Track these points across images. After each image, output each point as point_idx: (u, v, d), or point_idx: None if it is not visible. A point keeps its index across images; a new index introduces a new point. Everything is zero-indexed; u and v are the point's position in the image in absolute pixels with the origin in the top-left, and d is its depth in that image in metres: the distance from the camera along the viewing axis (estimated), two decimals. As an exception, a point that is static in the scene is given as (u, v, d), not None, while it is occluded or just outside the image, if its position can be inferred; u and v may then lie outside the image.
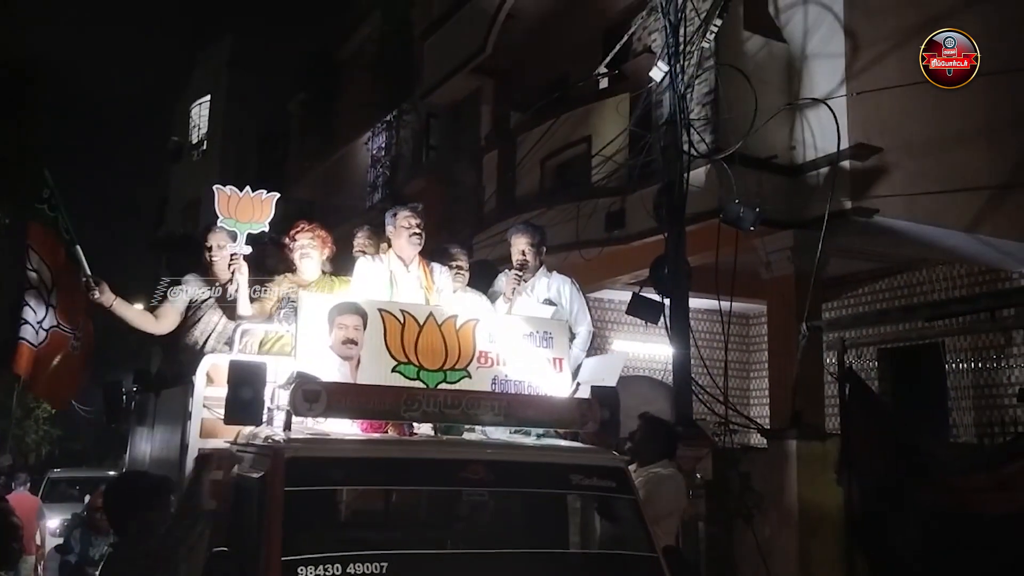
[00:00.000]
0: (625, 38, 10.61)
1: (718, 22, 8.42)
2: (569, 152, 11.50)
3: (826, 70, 9.33)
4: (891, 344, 10.68)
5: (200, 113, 30.42)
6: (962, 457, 7.06)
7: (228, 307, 5.46)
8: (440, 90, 15.05)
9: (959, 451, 8.14)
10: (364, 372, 4.41)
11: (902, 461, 6.18)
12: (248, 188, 5.38)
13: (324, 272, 5.61)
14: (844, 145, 8.74)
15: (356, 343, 4.43)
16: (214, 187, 5.40)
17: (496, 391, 4.60)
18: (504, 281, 5.94)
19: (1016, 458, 5.87)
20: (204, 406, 4.73)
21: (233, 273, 5.33)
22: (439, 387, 4.50)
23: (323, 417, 4.16)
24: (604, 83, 11.59)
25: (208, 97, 29.75)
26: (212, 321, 5.57)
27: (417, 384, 4.47)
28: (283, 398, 4.23)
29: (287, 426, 4.17)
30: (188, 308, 5.61)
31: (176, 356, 5.67)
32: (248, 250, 5.36)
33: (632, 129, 9.90)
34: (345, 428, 4.46)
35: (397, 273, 5.41)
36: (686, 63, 8.55)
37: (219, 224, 5.32)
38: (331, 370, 4.32)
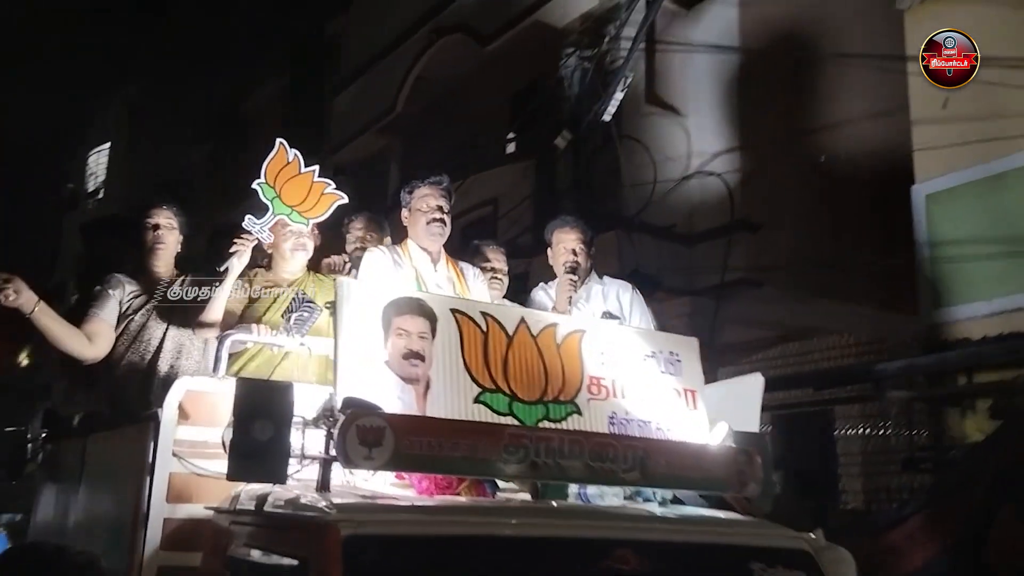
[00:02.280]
0: (545, 97, 10.72)
1: (619, 95, 8.58)
2: (475, 213, 11.34)
3: (720, 145, 9.34)
4: (783, 411, 10.03)
5: (98, 161, 28.73)
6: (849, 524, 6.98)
7: (174, 309, 3.92)
8: (349, 147, 14.72)
9: (846, 517, 8.07)
10: (436, 402, 2.90)
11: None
12: (316, 168, 3.86)
13: (308, 270, 4.12)
14: (735, 217, 9.17)
15: (423, 358, 2.93)
16: (279, 140, 3.86)
17: (614, 433, 3.14)
18: (544, 294, 4.53)
19: (901, 524, 5.85)
20: (174, 454, 3.14)
21: (231, 256, 3.77)
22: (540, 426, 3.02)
23: (390, 469, 2.67)
24: (511, 147, 11.76)
25: (107, 145, 28.11)
26: (154, 334, 4.02)
27: (509, 421, 2.98)
28: (315, 440, 2.72)
29: (324, 484, 2.65)
30: (118, 322, 4.06)
31: (108, 388, 4.07)
32: (269, 239, 3.85)
33: (537, 194, 10.04)
34: (384, 486, 3.01)
35: (423, 272, 3.97)
36: (591, 132, 8.98)
37: (255, 184, 3.75)
38: (387, 397, 2.80)
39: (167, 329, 4.00)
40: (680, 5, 9.66)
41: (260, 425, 2.55)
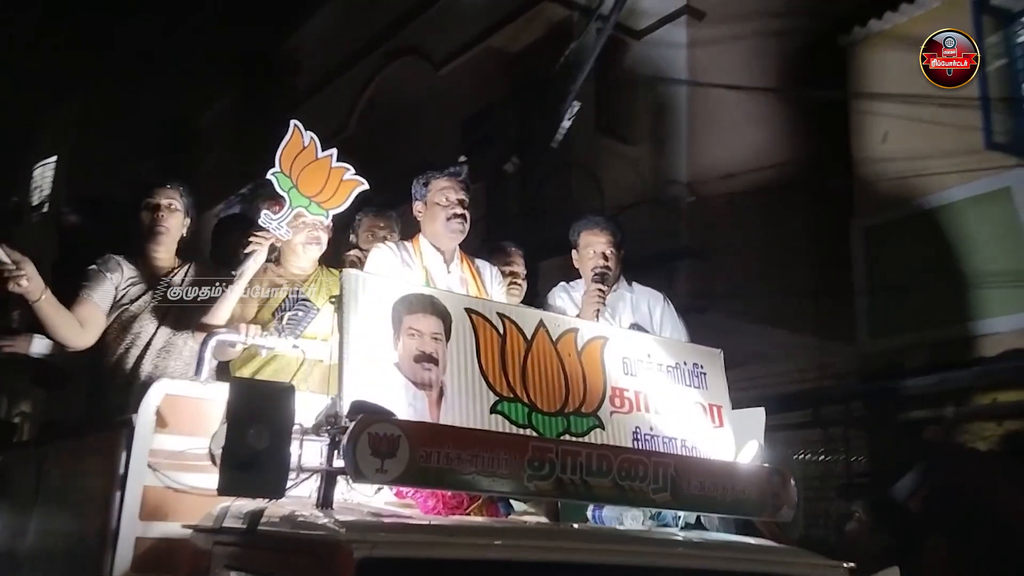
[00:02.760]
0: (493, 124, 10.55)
1: (567, 123, 8.34)
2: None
3: (668, 173, 9.29)
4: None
5: (44, 174, 28.03)
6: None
7: (177, 308, 3.51)
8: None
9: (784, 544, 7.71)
10: (450, 410, 2.60)
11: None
12: (334, 152, 3.44)
13: (321, 265, 3.73)
14: (681, 244, 9.13)
15: (436, 361, 2.63)
16: (293, 122, 3.45)
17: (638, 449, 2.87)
18: (566, 298, 4.19)
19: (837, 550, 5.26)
20: (149, 466, 2.80)
21: (247, 255, 3.38)
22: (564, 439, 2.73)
23: (404, 484, 2.37)
24: (463, 169, 11.15)
25: (54, 158, 27.42)
26: (145, 330, 3.59)
27: (529, 433, 2.70)
28: (317, 450, 2.42)
29: (327, 500, 2.34)
30: (110, 310, 3.63)
31: (91, 387, 3.66)
32: (287, 235, 3.41)
33: (487, 218, 9.65)
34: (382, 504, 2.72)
35: (435, 272, 3.63)
36: (540, 158, 8.79)
37: (270, 174, 3.34)
38: (397, 403, 2.49)
39: (159, 326, 3.61)
40: (630, 36, 9.55)
41: (256, 432, 2.24)
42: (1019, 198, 7.55)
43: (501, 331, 2.78)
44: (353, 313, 2.51)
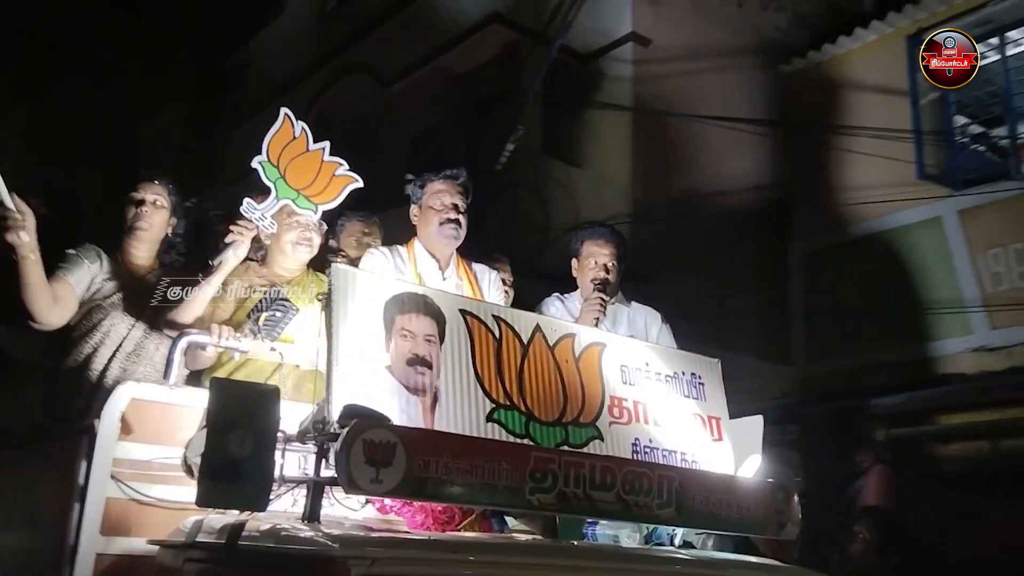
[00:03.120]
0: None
1: (511, 146, 8.36)
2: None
3: (611, 197, 9.26)
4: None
5: None
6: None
7: (151, 310, 3.27)
8: (246, 181, 13.71)
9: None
10: (445, 417, 2.42)
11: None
12: (326, 145, 3.22)
13: (309, 268, 3.50)
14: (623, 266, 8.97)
15: (430, 365, 2.45)
16: (284, 110, 3.21)
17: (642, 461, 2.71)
18: (561, 307, 4.04)
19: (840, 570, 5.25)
20: (112, 476, 2.58)
21: (226, 246, 3.15)
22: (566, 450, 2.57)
23: (399, 496, 2.19)
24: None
25: None
26: (118, 330, 3.35)
27: (526, 443, 2.53)
28: (295, 460, 2.23)
29: (314, 513, 2.15)
30: (82, 303, 3.38)
31: (57, 388, 3.40)
32: (271, 228, 3.19)
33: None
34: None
35: (428, 278, 3.46)
36: (485, 179, 8.44)
37: (255, 161, 3.11)
38: (389, 409, 2.30)
39: (131, 328, 3.36)
40: (578, 60, 9.50)
41: (238, 439, 2.04)
42: (949, 227, 7.74)
43: (497, 334, 2.61)
44: (343, 311, 2.33)
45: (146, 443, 2.66)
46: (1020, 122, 7.80)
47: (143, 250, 3.53)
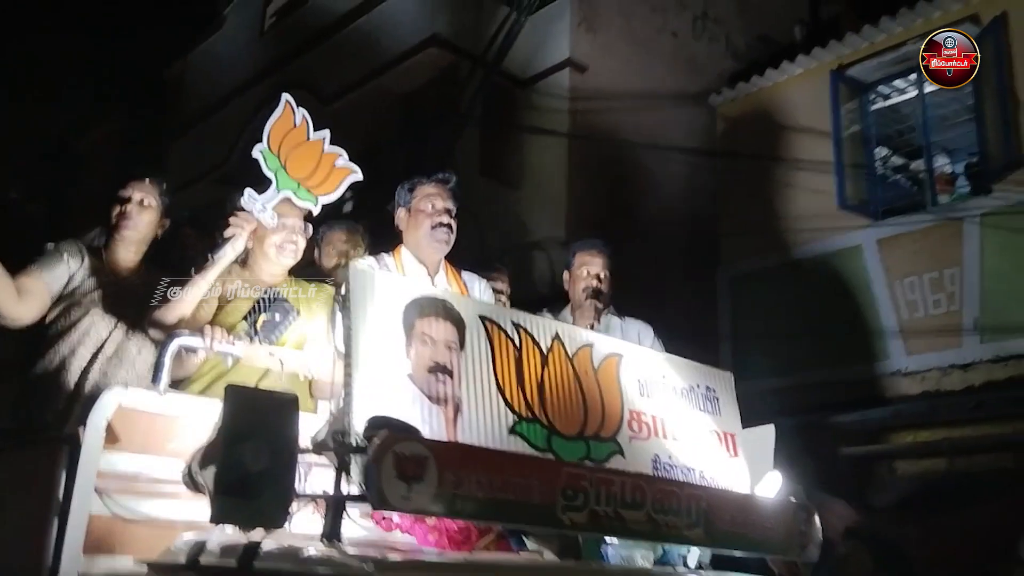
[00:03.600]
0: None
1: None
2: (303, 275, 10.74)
3: (548, 216, 9.32)
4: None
5: None
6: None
7: (133, 312, 3.05)
8: (185, 193, 13.79)
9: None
10: (468, 429, 2.26)
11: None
12: (326, 134, 3.05)
13: (291, 275, 3.30)
14: (557, 288, 9.05)
15: (451, 373, 2.29)
16: (284, 96, 3.05)
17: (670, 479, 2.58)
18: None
19: None
20: (97, 490, 2.37)
21: (224, 239, 2.95)
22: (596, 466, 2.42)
23: (430, 514, 2.03)
24: (348, 207, 11.21)
25: None
26: (98, 331, 3.11)
27: (555, 459, 2.38)
28: (320, 471, 2.06)
29: (335, 531, 1.97)
30: (59, 299, 3.14)
31: (30, 392, 3.14)
32: (272, 221, 3.01)
33: (371, 254, 9.67)
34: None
35: None
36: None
37: (256, 150, 2.94)
38: (412, 420, 2.13)
39: (114, 329, 3.13)
40: (515, 84, 9.49)
41: (254, 451, 1.86)
42: (868, 256, 7.94)
43: (517, 343, 2.46)
44: (362, 314, 2.16)
45: (133, 454, 2.46)
46: (936, 155, 8.06)
47: (129, 251, 3.31)
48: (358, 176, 3.00)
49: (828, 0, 11.94)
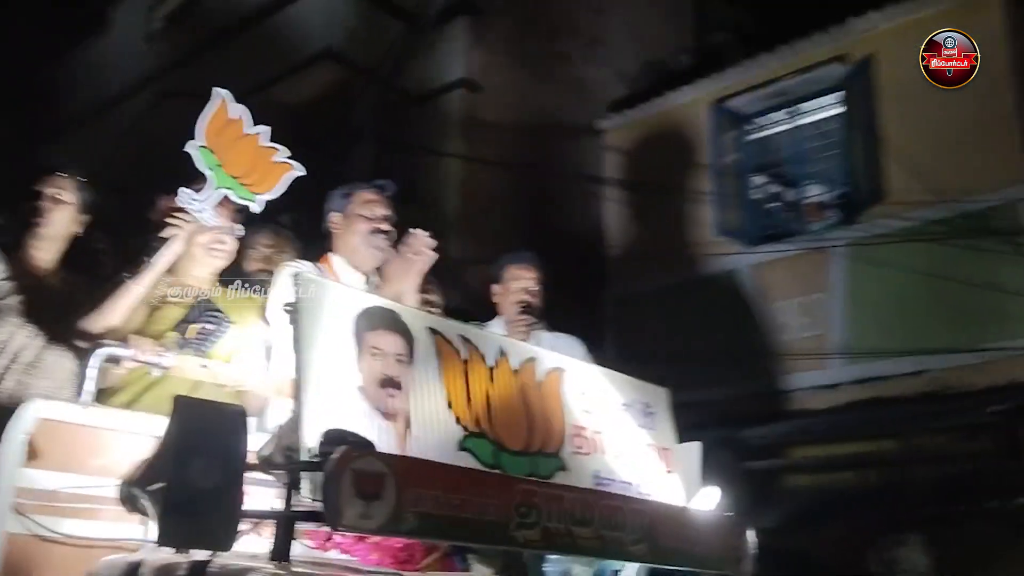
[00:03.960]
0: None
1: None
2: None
3: (438, 235, 9.42)
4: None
5: None
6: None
7: (51, 318, 2.86)
8: None
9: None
10: (418, 445, 2.20)
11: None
12: (265, 130, 2.91)
13: (218, 281, 3.14)
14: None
15: (400, 387, 2.23)
16: (218, 91, 2.89)
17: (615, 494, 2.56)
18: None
19: None
20: (18, 511, 2.21)
21: (161, 241, 2.77)
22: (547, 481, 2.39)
23: (388, 534, 1.97)
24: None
25: None
26: (15, 339, 2.89)
27: (508, 475, 2.34)
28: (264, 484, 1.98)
29: (284, 552, 1.89)
30: None
31: None
32: (213, 220, 2.82)
33: None
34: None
35: None
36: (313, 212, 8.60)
37: (190, 146, 2.76)
38: (364, 435, 2.07)
39: (32, 336, 2.90)
40: (410, 101, 9.43)
41: (203, 467, 1.77)
42: (745, 280, 8.24)
43: (464, 356, 2.41)
44: (313, 323, 2.08)
45: (54, 470, 2.30)
46: (810, 185, 8.38)
47: (44, 250, 3.09)
48: (300, 172, 2.87)
49: (715, 29, 12.38)
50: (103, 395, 2.71)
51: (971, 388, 6.82)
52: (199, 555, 1.93)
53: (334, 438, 1.88)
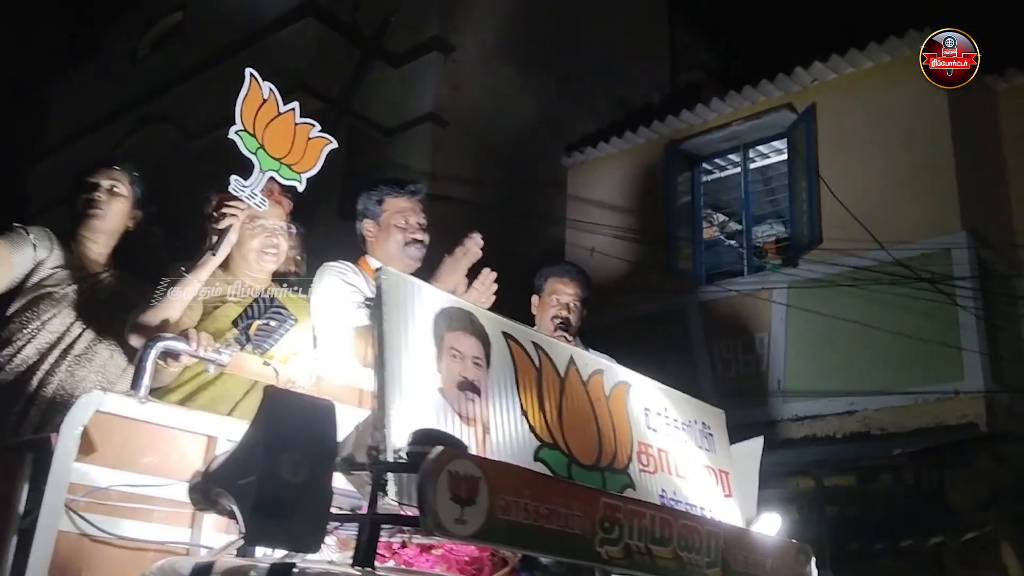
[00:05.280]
0: None
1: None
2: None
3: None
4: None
5: None
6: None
7: (106, 311, 2.76)
8: (48, 217, 13.40)
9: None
10: (496, 452, 2.11)
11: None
12: (296, 106, 2.80)
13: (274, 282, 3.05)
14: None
15: (479, 391, 2.14)
16: (248, 70, 2.74)
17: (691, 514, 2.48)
18: None
19: None
20: (72, 510, 2.10)
21: (220, 233, 2.69)
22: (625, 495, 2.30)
23: (480, 542, 1.88)
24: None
25: None
26: (70, 329, 2.77)
27: (591, 487, 2.24)
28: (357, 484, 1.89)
29: (368, 556, 1.79)
30: (22, 285, 2.79)
31: None
32: (263, 205, 2.73)
33: None
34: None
35: None
36: None
37: (232, 132, 2.66)
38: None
39: (85, 329, 2.79)
40: (379, 133, 9.71)
41: (292, 462, 1.67)
42: (692, 318, 8.55)
43: (537, 363, 2.33)
44: (398, 321, 1.99)
45: (105, 466, 2.20)
46: (759, 227, 8.86)
47: (98, 243, 3.00)
48: (334, 145, 2.78)
49: (687, 67, 12.54)
50: (155, 394, 2.60)
51: (901, 429, 7.09)
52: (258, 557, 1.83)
53: (426, 438, 1.79)
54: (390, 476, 1.81)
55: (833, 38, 8.39)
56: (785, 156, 8.53)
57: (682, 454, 2.68)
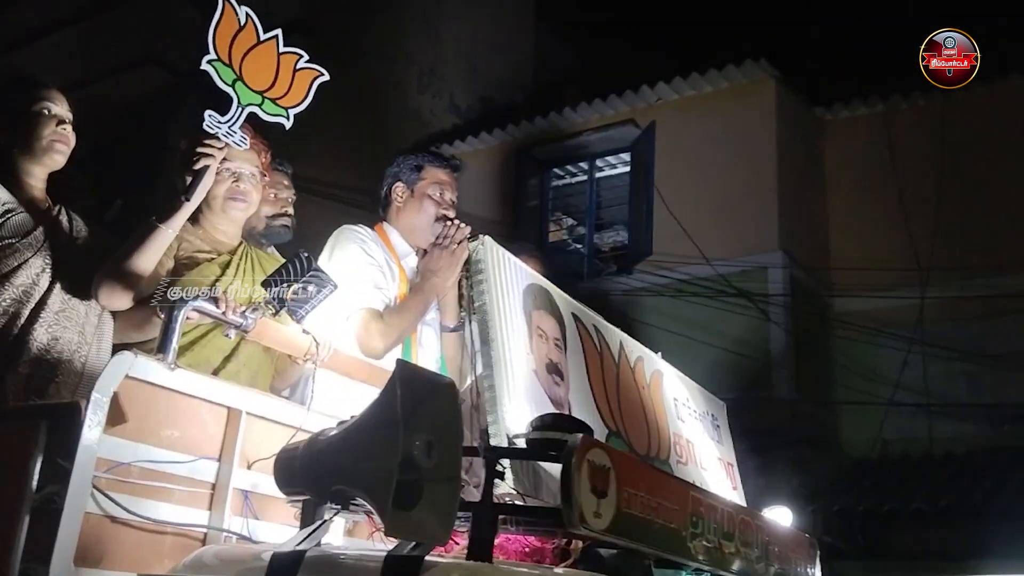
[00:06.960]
0: None
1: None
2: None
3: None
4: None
5: None
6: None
7: (74, 260, 2.38)
8: None
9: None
10: (577, 440, 1.99)
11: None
12: (278, 33, 2.43)
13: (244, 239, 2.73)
14: None
15: (562, 374, 2.01)
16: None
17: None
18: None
19: None
20: (96, 488, 1.82)
21: (194, 175, 2.36)
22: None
23: (609, 536, 1.74)
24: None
25: None
26: (36, 281, 2.34)
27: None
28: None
29: (484, 551, 1.65)
30: None
31: None
32: (243, 143, 2.38)
33: None
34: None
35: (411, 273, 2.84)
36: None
37: (205, 63, 2.28)
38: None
39: (54, 281, 2.36)
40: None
41: (425, 445, 1.50)
42: None
43: (599, 348, 2.22)
44: (500, 296, 1.84)
45: (128, 439, 1.93)
46: (603, 233, 9.09)
47: (41, 182, 2.56)
48: (325, 77, 2.52)
49: (551, 71, 12.71)
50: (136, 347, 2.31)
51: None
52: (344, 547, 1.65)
53: (557, 422, 1.65)
54: (506, 463, 1.67)
55: (679, 60, 8.67)
56: (629, 168, 8.83)
57: (702, 446, 2.64)
